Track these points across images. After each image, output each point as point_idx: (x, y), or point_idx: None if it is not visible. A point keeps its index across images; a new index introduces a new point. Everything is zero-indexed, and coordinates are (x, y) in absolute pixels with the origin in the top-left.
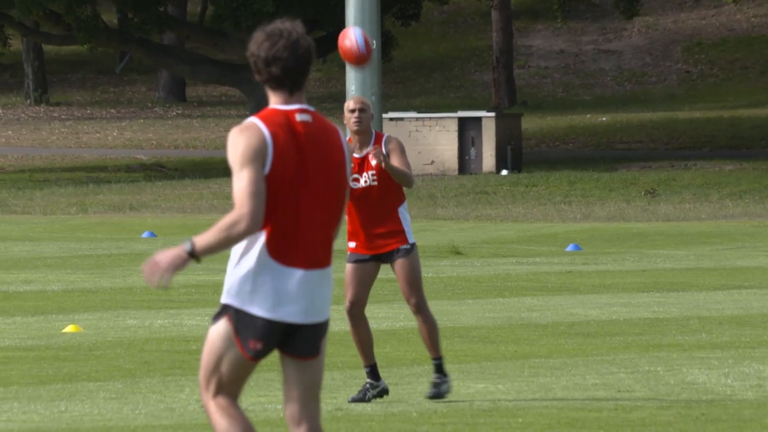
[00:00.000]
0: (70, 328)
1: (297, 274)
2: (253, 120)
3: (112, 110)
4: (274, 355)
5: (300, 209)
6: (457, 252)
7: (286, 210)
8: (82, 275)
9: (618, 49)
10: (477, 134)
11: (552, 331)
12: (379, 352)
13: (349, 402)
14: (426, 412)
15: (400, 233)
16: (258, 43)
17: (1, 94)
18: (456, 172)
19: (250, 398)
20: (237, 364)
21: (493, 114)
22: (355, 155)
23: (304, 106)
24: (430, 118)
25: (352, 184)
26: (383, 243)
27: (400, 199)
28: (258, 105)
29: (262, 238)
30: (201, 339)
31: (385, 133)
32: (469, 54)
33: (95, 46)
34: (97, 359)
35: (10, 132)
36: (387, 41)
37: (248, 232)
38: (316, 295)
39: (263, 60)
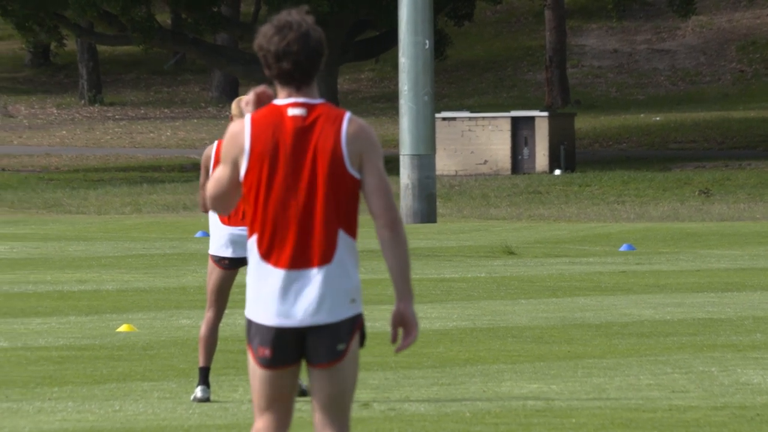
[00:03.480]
0: (124, 328)
1: (282, 275)
2: (245, 121)
3: (165, 110)
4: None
5: (284, 207)
6: (510, 252)
7: (270, 210)
8: (136, 275)
9: (672, 48)
10: (530, 134)
11: (605, 331)
12: (432, 352)
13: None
14: (479, 412)
15: None
16: (267, 37)
17: (55, 95)
18: (509, 172)
19: (302, 398)
20: (258, 378)
21: (546, 113)
22: None
23: (301, 100)
24: (483, 117)
25: None
26: None
27: None
28: None
29: (254, 242)
30: None
31: None
32: (522, 53)
33: (149, 47)
34: (151, 359)
35: (64, 132)
36: (441, 40)
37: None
38: (308, 295)
39: (273, 54)
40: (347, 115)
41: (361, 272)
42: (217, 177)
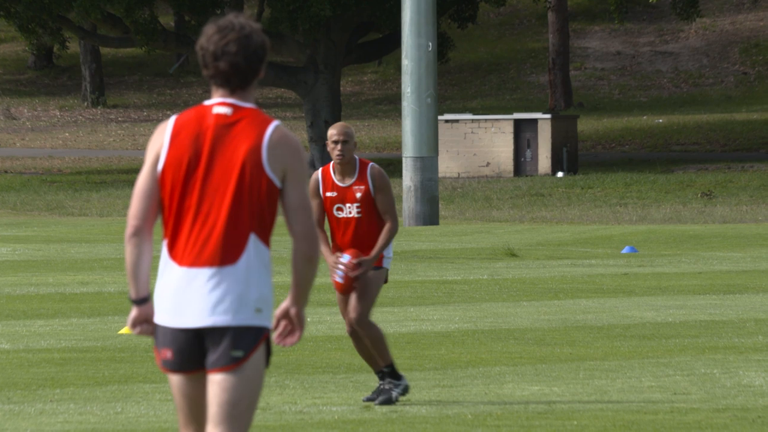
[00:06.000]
0: (126, 330)
1: (183, 273)
2: (170, 119)
3: (168, 112)
4: (331, 358)
5: (196, 204)
6: (512, 254)
7: (182, 207)
8: None
9: (675, 50)
10: (533, 136)
11: (607, 333)
12: (433, 354)
13: (363, 401)
14: (481, 414)
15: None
16: (208, 36)
17: (58, 97)
18: (511, 174)
19: (305, 399)
20: (172, 386)
21: (548, 116)
22: (339, 184)
23: (230, 101)
24: (486, 120)
25: (335, 213)
26: None
27: (380, 227)
28: (314, 107)
29: (165, 241)
30: None
31: (369, 162)
32: (526, 56)
33: (152, 49)
34: (152, 361)
35: (67, 134)
36: (443, 43)
37: (131, 233)
38: (205, 295)
39: (211, 54)
40: (275, 122)
41: None
42: (141, 176)
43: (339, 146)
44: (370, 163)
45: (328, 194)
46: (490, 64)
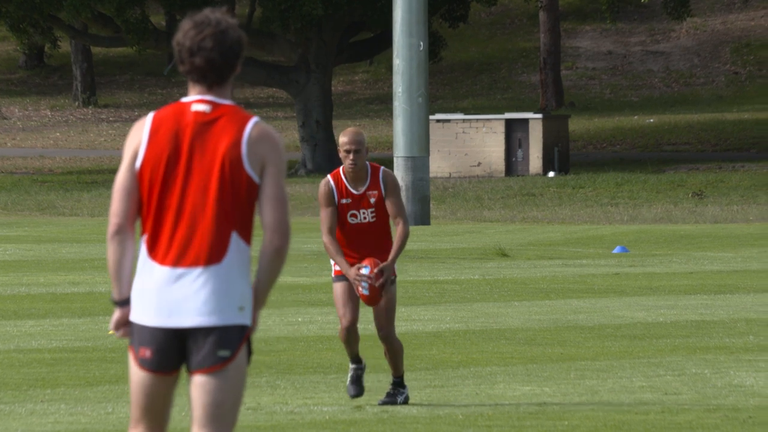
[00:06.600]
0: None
1: (166, 273)
2: (148, 115)
3: None
4: (321, 358)
5: (176, 202)
6: (503, 254)
7: (162, 205)
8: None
9: (666, 50)
10: (524, 136)
11: (598, 333)
12: (425, 354)
13: (378, 404)
14: (472, 414)
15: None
16: (184, 32)
17: (49, 96)
18: (503, 174)
19: (296, 400)
20: (136, 384)
21: (540, 116)
22: (353, 191)
23: (209, 98)
24: (477, 119)
25: (349, 220)
26: None
27: (391, 232)
28: (305, 106)
29: (144, 239)
30: None
31: (380, 167)
32: (517, 55)
33: (144, 48)
34: None
35: (58, 134)
36: (435, 43)
37: (114, 231)
38: (191, 295)
39: (187, 49)
40: (255, 118)
41: None
42: (120, 174)
43: (351, 155)
44: (381, 168)
45: (343, 201)
46: (482, 63)
